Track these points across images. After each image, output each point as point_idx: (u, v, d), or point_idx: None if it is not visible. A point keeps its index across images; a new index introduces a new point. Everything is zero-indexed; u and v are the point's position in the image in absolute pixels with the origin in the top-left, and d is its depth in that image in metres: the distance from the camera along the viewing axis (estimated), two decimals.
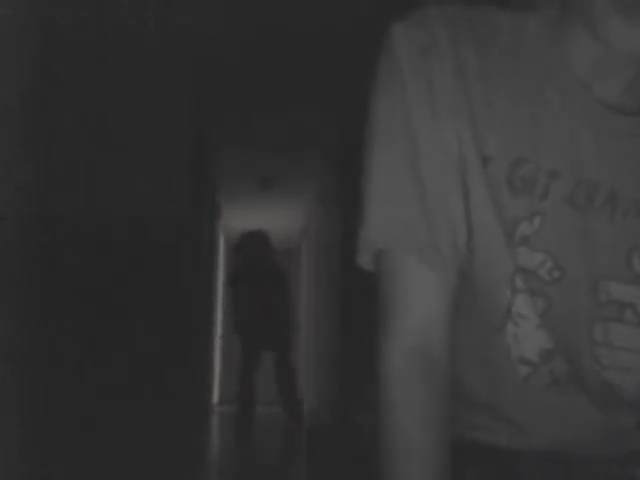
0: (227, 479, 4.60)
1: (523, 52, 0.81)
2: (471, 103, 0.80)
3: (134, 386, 3.89)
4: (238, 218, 9.65)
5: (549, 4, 0.82)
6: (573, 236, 0.81)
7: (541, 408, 0.86)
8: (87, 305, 3.93)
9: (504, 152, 0.80)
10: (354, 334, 5.71)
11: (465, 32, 0.81)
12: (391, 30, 0.83)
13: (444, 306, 0.81)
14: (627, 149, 0.80)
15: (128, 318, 3.95)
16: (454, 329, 0.84)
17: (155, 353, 3.92)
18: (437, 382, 0.80)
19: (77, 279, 3.93)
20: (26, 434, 3.60)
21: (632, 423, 0.86)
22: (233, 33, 4.62)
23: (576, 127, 0.80)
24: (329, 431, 6.32)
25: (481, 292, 0.84)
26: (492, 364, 0.86)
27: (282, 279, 6.93)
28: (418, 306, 0.80)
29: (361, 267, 0.85)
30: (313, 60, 4.96)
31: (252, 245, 6.75)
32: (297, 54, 4.89)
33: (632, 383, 0.83)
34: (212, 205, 7.31)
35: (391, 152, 0.82)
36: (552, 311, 0.82)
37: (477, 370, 0.88)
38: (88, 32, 4.05)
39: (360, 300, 5.23)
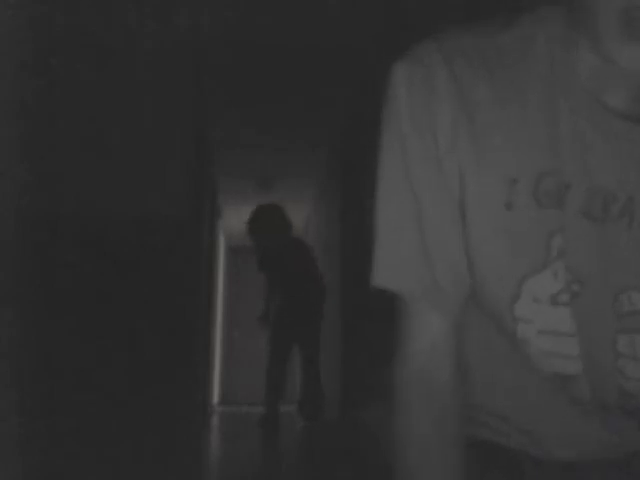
0: (227, 479, 4.59)
1: (532, 69, 0.81)
2: (483, 128, 0.81)
3: (134, 386, 3.89)
4: (238, 218, 9.64)
5: (554, 17, 0.82)
6: (591, 248, 0.81)
7: (560, 425, 0.87)
8: (87, 305, 3.93)
9: (527, 171, 0.81)
10: (354, 333, 5.71)
11: (470, 62, 0.81)
12: (392, 71, 0.84)
13: (448, 341, 0.86)
14: None
15: (128, 318, 3.95)
16: (473, 343, 0.89)
17: (155, 353, 3.92)
18: (442, 408, 0.85)
19: (77, 279, 3.93)
20: (26, 434, 3.60)
21: None
22: (233, 33, 4.62)
23: (589, 137, 0.80)
24: (330, 427, 6.32)
25: (491, 315, 0.86)
26: (510, 381, 0.88)
27: (308, 253, 6.20)
28: (423, 342, 0.86)
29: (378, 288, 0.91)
30: (314, 60, 4.96)
31: (266, 222, 6.05)
32: (298, 54, 4.89)
33: None
34: (212, 205, 7.31)
35: (393, 206, 0.85)
36: (576, 321, 0.82)
37: (496, 385, 0.90)
38: (88, 32, 4.05)
39: (360, 300, 5.23)
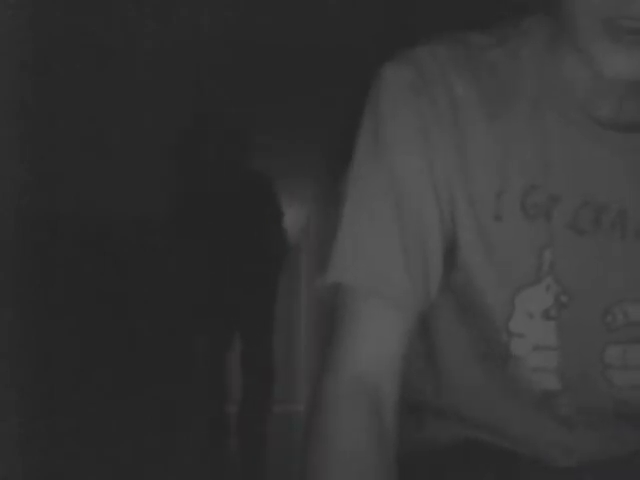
0: (226, 479, 4.60)
1: (519, 83, 0.81)
2: (471, 139, 0.79)
3: (134, 386, 3.89)
4: None
5: (538, 29, 0.82)
6: (579, 261, 0.80)
7: (554, 436, 0.87)
8: (87, 305, 3.93)
9: (514, 183, 0.79)
10: None
11: (462, 73, 0.80)
12: (379, 71, 0.82)
13: (399, 350, 0.79)
14: (631, 166, 0.80)
15: (128, 318, 3.95)
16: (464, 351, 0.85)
17: (155, 353, 3.92)
18: (380, 417, 0.77)
19: (77, 279, 3.93)
20: (26, 434, 3.60)
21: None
22: (233, 33, 4.62)
23: (578, 149, 0.79)
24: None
25: (481, 331, 0.84)
26: (501, 393, 0.86)
27: (269, 197, 4.12)
28: (369, 345, 0.78)
29: (320, 288, 0.82)
30: (314, 60, 4.96)
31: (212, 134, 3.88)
32: (298, 54, 4.89)
33: None
34: None
35: (371, 199, 0.80)
36: (562, 335, 0.82)
37: (487, 394, 0.88)
38: (88, 32, 4.05)
39: None
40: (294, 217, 9.80)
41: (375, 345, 0.78)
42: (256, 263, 3.91)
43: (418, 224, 0.79)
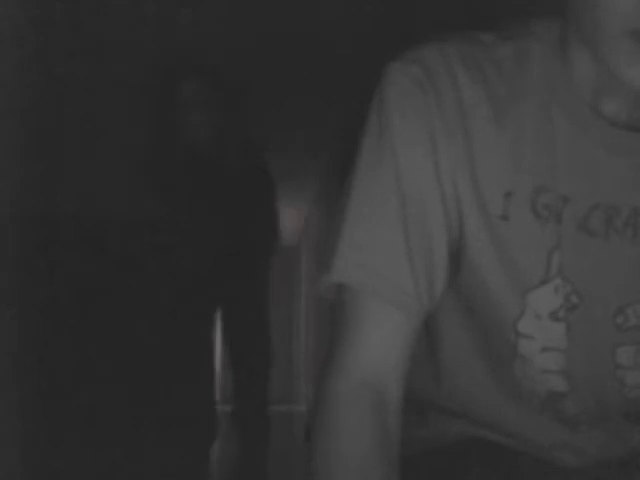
0: (227, 479, 4.60)
1: (528, 84, 0.80)
2: (478, 139, 0.78)
3: (134, 386, 3.89)
4: None
5: (548, 31, 0.81)
6: (590, 262, 0.79)
7: (555, 437, 0.87)
8: (87, 305, 3.93)
9: (522, 184, 0.79)
10: None
11: (469, 71, 0.79)
12: (386, 69, 0.80)
13: (403, 352, 0.79)
14: (639, 166, 0.79)
15: (128, 318, 3.94)
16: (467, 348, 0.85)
17: (155, 353, 3.92)
18: (385, 418, 0.77)
19: (77, 279, 3.93)
20: (26, 434, 3.60)
21: None
22: (233, 33, 4.62)
23: (589, 150, 0.78)
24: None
25: (488, 331, 0.84)
26: (505, 394, 0.86)
27: (267, 187, 4.14)
28: (375, 346, 0.78)
29: (320, 293, 0.81)
30: (314, 60, 4.96)
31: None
32: (297, 54, 4.89)
33: None
34: None
35: (375, 199, 0.79)
36: (571, 336, 0.81)
37: (490, 394, 0.87)
38: (88, 32, 4.05)
39: None
40: (294, 217, 9.80)
41: (378, 345, 0.78)
42: (245, 245, 3.85)
43: (422, 224, 0.78)
